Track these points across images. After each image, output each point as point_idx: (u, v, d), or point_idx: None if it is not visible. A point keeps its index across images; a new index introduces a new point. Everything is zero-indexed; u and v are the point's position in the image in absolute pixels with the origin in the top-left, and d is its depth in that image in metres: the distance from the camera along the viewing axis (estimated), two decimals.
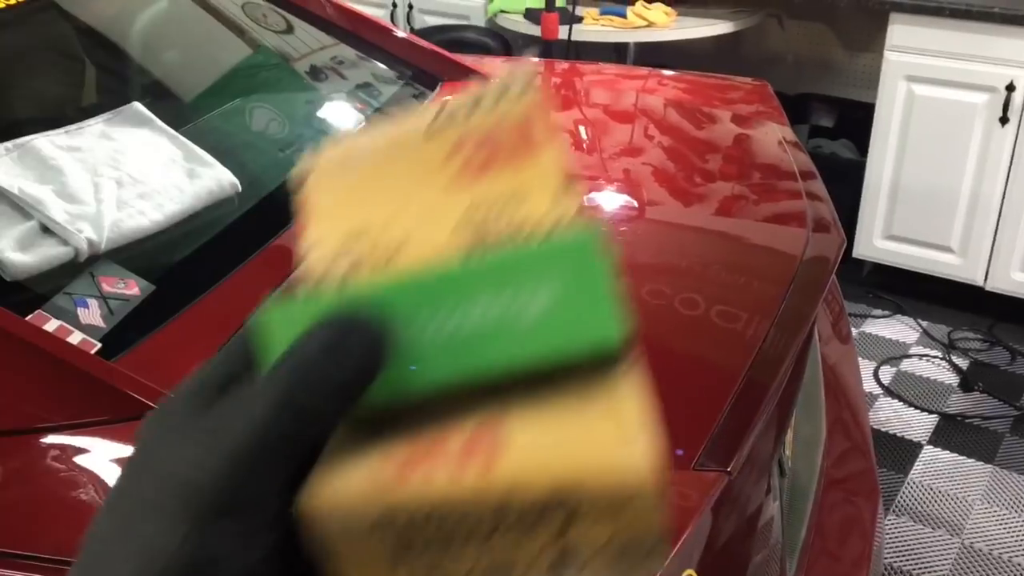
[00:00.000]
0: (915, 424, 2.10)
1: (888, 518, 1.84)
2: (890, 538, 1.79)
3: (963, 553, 1.76)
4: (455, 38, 2.59)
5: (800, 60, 2.84)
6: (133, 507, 0.24)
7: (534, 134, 0.26)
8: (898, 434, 2.07)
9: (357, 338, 0.24)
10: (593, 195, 1.21)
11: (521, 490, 0.22)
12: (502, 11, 2.69)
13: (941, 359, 2.31)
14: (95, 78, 1.33)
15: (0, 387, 0.77)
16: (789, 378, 0.88)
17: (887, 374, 2.26)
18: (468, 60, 1.54)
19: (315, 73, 1.44)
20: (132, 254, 0.94)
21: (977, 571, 1.73)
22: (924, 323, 2.43)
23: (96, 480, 0.71)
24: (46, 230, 0.92)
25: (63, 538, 0.67)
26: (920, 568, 1.73)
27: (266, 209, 1.08)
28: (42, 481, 0.73)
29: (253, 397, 0.24)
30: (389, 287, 0.24)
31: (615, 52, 2.71)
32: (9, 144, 1.03)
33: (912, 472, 1.96)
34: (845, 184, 2.37)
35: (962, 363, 2.29)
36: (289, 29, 1.49)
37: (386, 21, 2.27)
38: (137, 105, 1.15)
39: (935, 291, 2.46)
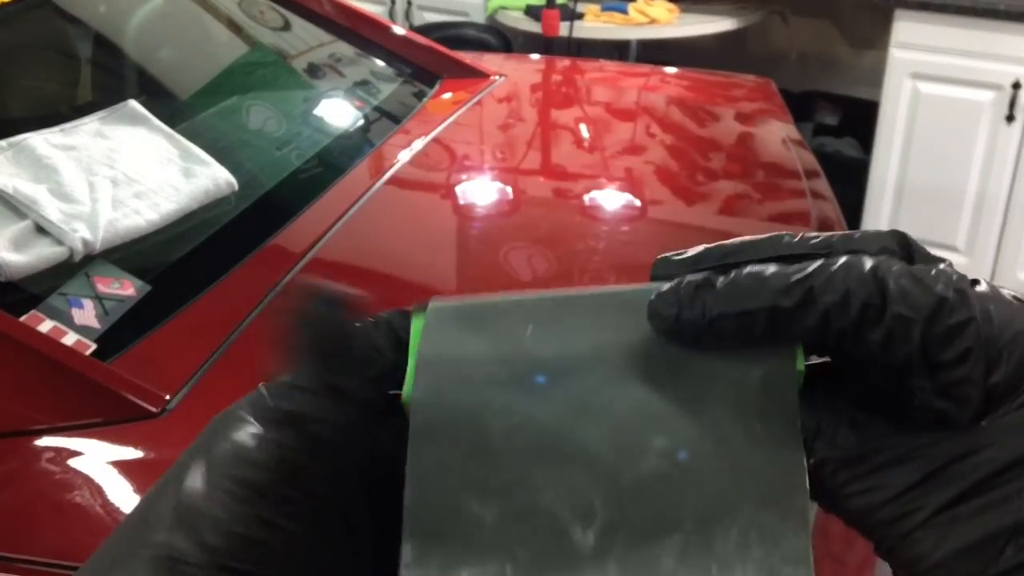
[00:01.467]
0: None
1: None
2: None
3: None
4: (454, 35, 2.58)
5: (804, 57, 2.83)
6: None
7: None
8: None
9: None
10: (595, 194, 1.20)
11: None
12: (502, 8, 2.68)
13: None
14: (90, 76, 1.32)
15: None
16: None
17: None
18: (468, 57, 1.53)
19: (313, 70, 1.43)
20: (127, 254, 0.93)
21: None
22: None
23: (91, 483, 0.71)
24: (41, 230, 0.92)
25: (57, 541, 0.67)
26: None
27: (263, 208, 1.07)
28: (36, 483, 0.72)
29: None
30: None
31: (617, 49, 2.69)
32: (3, 143, 1.02)
33: None
34: (850, 183, 2.36)
35: None
36: (286, 26, 1.48)
37: (384, 18, 2.26)
38: (133, 103, 1.14)
39: None
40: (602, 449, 0.22)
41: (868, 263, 0.22)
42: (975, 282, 0.23)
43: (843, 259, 0.22)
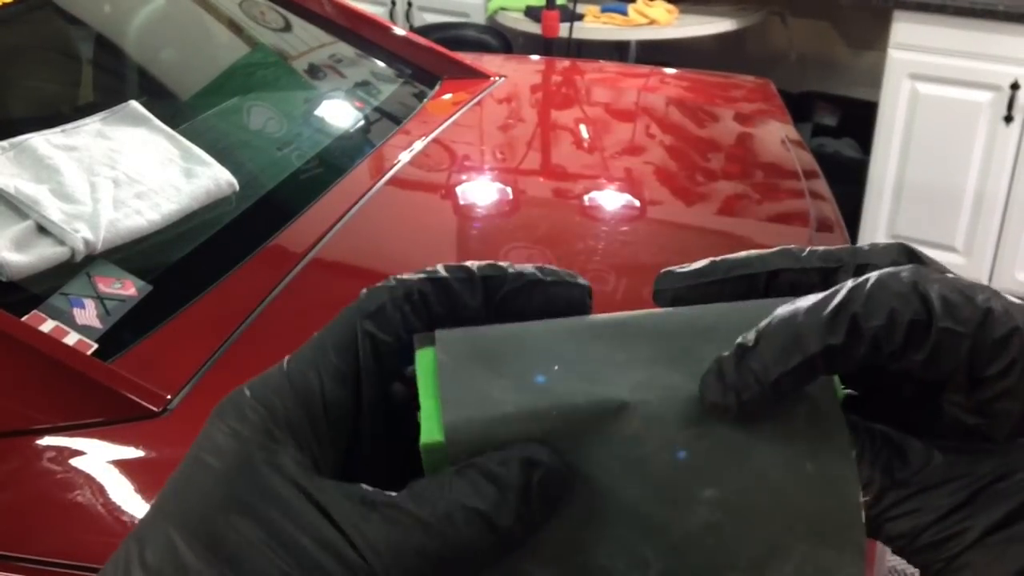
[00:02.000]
0: None
1: None
2: None
3: None
4: (455, 36, 2.59)
5: (803, 58, 2.83)
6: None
7: None
8: None
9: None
10: (595, 195, 1.20)
11: None
12: (502, 8, 2.68)
13: None
14: (92, 76, 1.33)
15: None
16: None
17: None
18: (468, 58, 1.54)
19: (313, 71, 1.43)
20: (129, 254, 0.93)
21: None
22: None
23: (92, 482, 0.71)
24: (42, 230, 0.92)
25: (59, 540, 0.67)
26: None
27: (264, 209, 1.07)
28: (38, 483, 0.72)
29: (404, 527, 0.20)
30: None
31: (616, 50, 2.70)
32: (5, 143, 1.02)
33: None
34: (848, 183, 2.36)
35: None
36: (287, 27, 1.49)
37: (385, 19, 2.27)
38: (134, 104, 1.15)
39: None
40: (651, 506, 0.21)
41: (905, 275, 0.21)
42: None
43: (876, 276, 0.21)
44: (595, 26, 2.53)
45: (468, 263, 0.23)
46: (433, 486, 0.20)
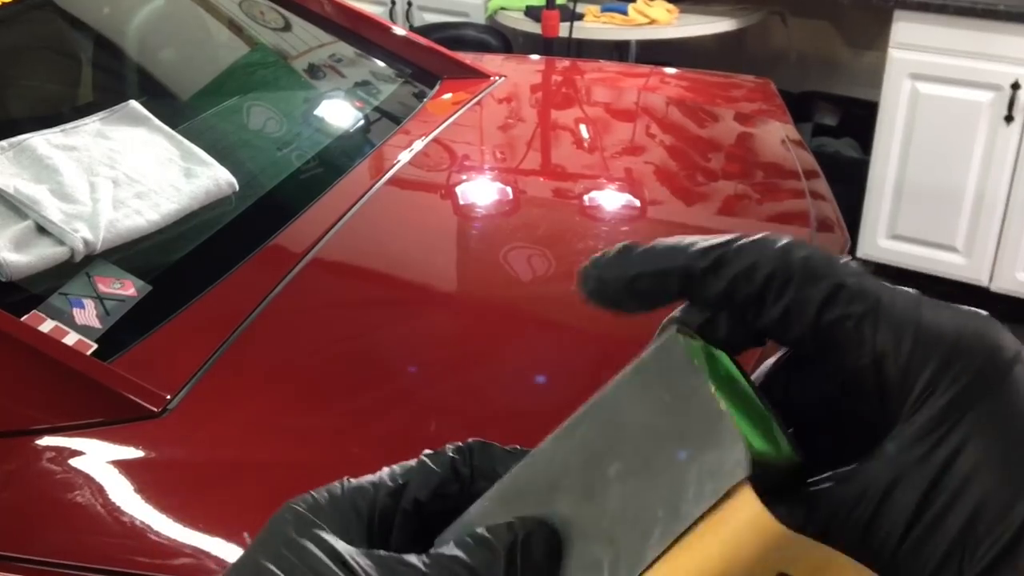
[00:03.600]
0: None
1: None
2: None
3: None
4: (454, 36, 2.59)
5: (803, 58, 2.83)
6: None
7: None
8: None
9: None
10: (595, 194, 1.20)
11: None
12: (502, 8, 2.68)
13: None
14: (91, 76, 1.33)
15: None
16: None
17: None
18: (468, 58, 1.54)
19: (313, 71, 1.43)
20: (128, 254, 0.93)
21: None
22: None
23: (92, 482, 0.71)
24: (42, 230, 0.92)
25: (59, 540, 0.67)
26: None
27: (264, 209, 1.07)
28: (38, 483, 0.72)
29: None
30: None
31: (616, 50, 2.70)
32: (5, 143, 1.02)
33: None
34: (849, 183, 2.36)
35: None
36: (287, 27, 1.49)
37: (385, 19, 2.27)
38: (134, 103, 1.15)
39: (939, 292, 2.44)
40: (580, 509, 0.24)
41: (781, 241, 0.23)
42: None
43: (759, 235, 0.23)
44: (595, 26, 2.53)
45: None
46: (440, 550, 0.23)
